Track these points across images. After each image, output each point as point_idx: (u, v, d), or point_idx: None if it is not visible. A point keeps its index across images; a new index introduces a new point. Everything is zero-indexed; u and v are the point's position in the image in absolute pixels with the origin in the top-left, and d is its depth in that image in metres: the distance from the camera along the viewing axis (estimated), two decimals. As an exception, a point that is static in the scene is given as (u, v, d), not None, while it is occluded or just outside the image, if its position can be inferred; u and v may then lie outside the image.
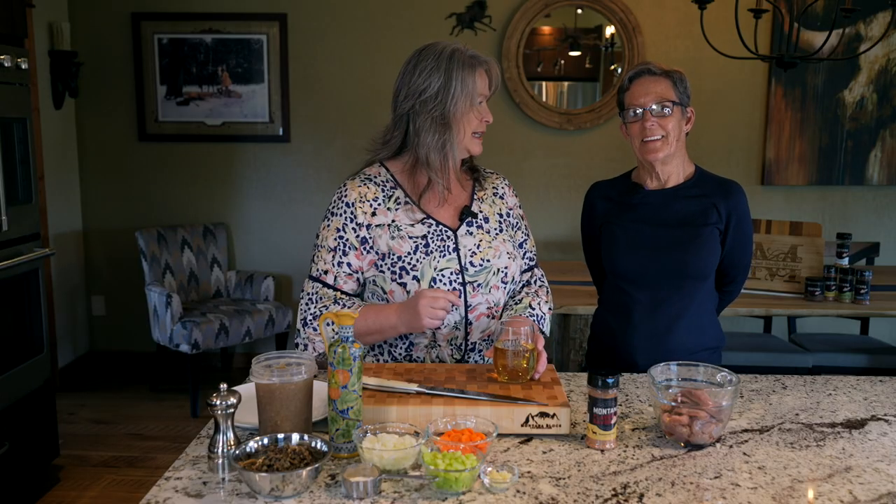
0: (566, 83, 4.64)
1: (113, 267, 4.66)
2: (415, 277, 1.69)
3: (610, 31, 4.47)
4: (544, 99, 4.54)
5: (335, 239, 1.72)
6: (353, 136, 4.52)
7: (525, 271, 1.88)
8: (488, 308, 1.75)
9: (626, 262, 1.95)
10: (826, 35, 3.97)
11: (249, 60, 4.47)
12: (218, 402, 1.27)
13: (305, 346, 1.71)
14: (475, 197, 1.82)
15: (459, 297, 1.70)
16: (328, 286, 1.72)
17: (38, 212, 3.10)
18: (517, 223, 1.88)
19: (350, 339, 1.33)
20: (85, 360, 4.64)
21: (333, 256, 1.71)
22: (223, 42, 4.46)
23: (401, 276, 1.70)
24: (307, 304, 1.71)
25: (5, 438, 2.83)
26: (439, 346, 1.73)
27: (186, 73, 4.48)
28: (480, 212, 1.80)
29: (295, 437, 1.28)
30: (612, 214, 1.99)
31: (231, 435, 1.28)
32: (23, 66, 2.93)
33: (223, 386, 1.28)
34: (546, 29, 4.51)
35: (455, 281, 1.70)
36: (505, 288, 1.77)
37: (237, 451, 1.23)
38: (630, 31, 4.36)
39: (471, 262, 1.72)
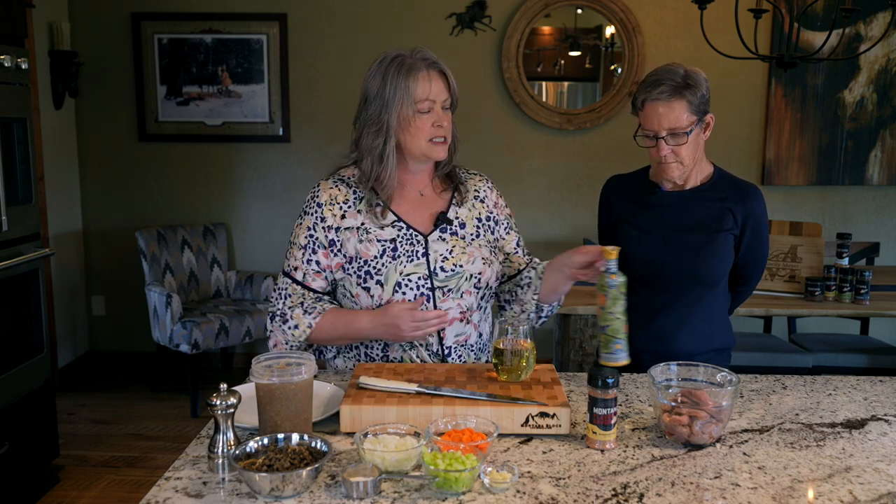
0: (566, 83, 4.64)
1: (113, 267, 4.66)
2: (378, 282, 1.69)
3: (610, 31, 4.47)
4: (544, 99, 4.54)
5: (305, 237, 1.74)
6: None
7: (524, 268, 1.86)
8: (461, 312, 1.73)
9: (638, 263, 1.91)
10: (826, 35, 3.97)
11: (249, 60, 4.47)
12: (218, 402, 1.27)
13: (269, 337, 1.75)
14: (453, 202, 1.79)
15: (428, 301, 1.70)
16: (297, 283, 1.74)
17: (38, 212, 3.10)
18: (507, 223, 1.86)
19: (611, 269, 1.54)
20: (85, 360, 4.64)
21: (303, 254, 1.74)
22: (223, 42, 4.46)
23: (365, 281, 1.70)
24: (277, 298, 1.75)
25: (5, 438, 2.83)
26: (416, 346, 1.73)
27: (186, 73, 4.48)
28: (457, 217, 1.77)
29: (295, 437, 1.28)
30: (628, 213, 1.96)
31: (231, 435, 1.28)
32: (23, 66, 2.93)
33: (223, 386, 1.28)
34: (546, 29, 4.52)
35: (423, 286, 1.69)
36: (478, 293, 1.75)
37: (237, 451, 1.23)
38: (630, 31, 4.36)
39: (441, 267, 1.71)
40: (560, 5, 4.38)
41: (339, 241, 1.72)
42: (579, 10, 4.46)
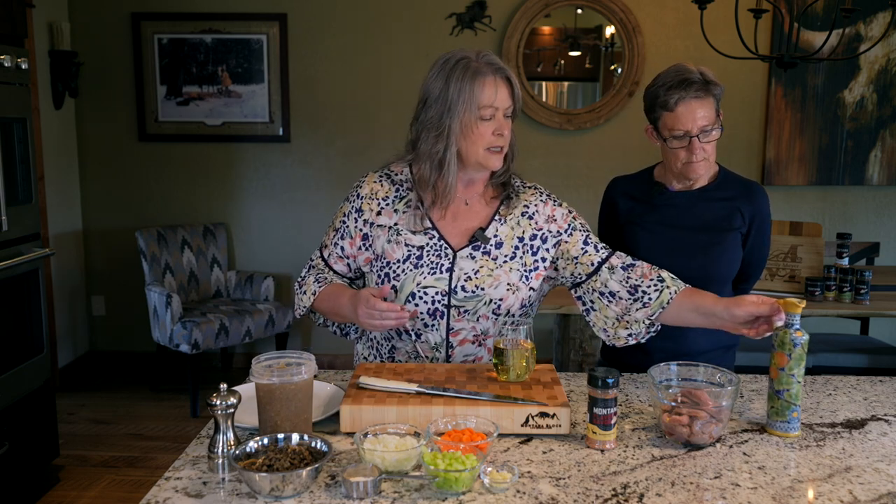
0: (566, 83, 4.64)
1: (113, 267, 4.66)
2: (394, 287, 1.66)
3: (610, 31, 4.47)
4: (544, 99, 4.54)
5: (340, 221, 1.77)
6: (353, 136, 4.52)
7: (603, 262, 1.70)
8: (475, 336, 1.69)
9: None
10: (826, 35, 3.97)
11: (249, 60, 4.47)
12: (218, 402, 1.27)
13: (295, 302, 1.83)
14: (496, 217, 1.71)
15: (442, 317, 1.66)
16: (323, 260, 1.80)
17: (38, 212, 3.10)
18: (568, 226, 1.73)
19: (794, 325, 1.40)
20: (85, 360, 4.64)
21: (334, 236, 1.78)
22: (223, 42, 4.46)
23: (383, 282, 1.67)
24: (306, 268, 1.83)
25: (5, 438, 2.83)
26: (422, 357, 1.71)
27: (186, 73, 4.48)
28: (496, 235, 1.69)
29: (295, 437, 1.28)
30: (636, 214, 1.95)
31: (231, 435, 1.28)
32: (23, 66, 2.93)
33: (223, 386, 1.28)
34: (546, 29, 4.52)
35: (439, 302, 1.65)
36: (497, 319, 1.68)
37: (237, 451, 1.23)
38: (630, 31, 4.35)
39: (462, 287, 1.65)
40: (560, 5, 4.38)
41: (371, 236, 1.72)
42: (579, 10, 4.46)
